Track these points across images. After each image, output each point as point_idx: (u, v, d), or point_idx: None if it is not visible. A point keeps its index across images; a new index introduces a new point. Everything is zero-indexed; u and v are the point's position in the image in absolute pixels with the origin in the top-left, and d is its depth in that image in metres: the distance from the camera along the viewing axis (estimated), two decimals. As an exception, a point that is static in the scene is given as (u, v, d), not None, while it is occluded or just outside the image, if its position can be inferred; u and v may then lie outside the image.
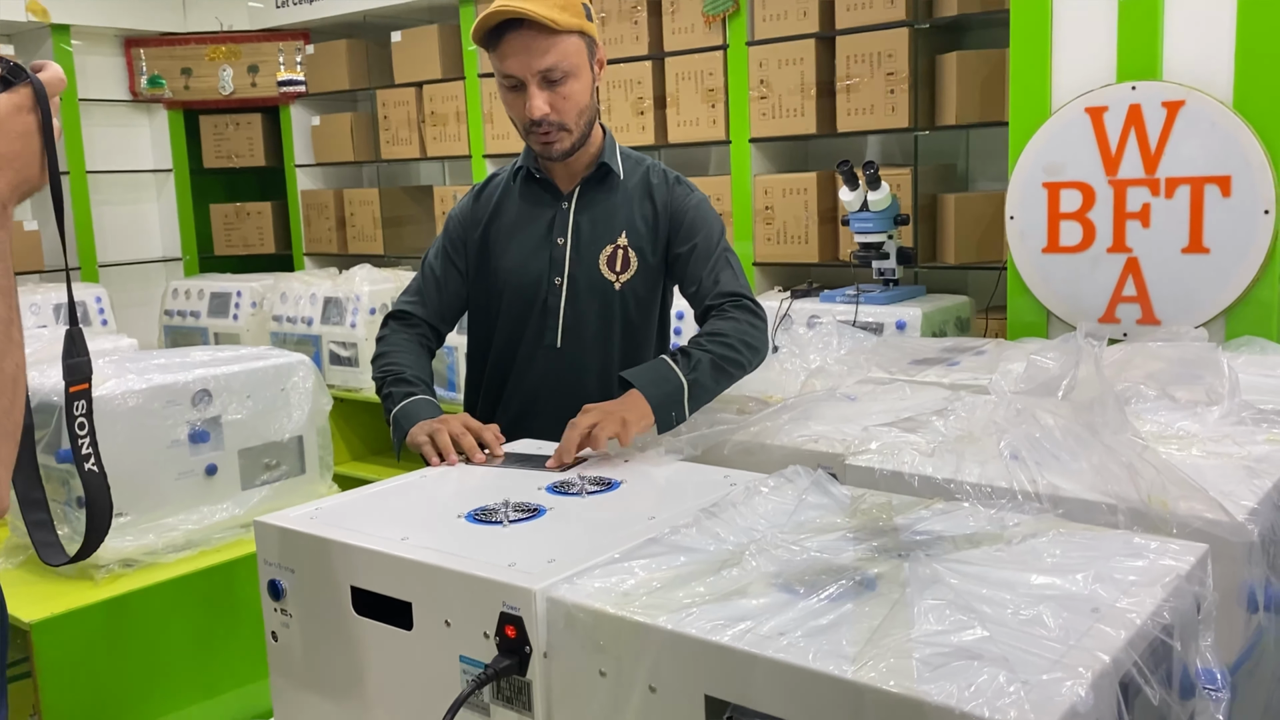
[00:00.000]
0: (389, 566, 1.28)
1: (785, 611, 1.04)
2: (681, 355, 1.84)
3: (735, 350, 1.88)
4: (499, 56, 1.94)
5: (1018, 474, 1.42)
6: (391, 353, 2.01)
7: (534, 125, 1.94)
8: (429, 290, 2.09)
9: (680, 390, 1.79)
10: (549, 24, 1.87)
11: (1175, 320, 2.46)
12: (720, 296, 1.95)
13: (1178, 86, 2.40)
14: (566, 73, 1.91)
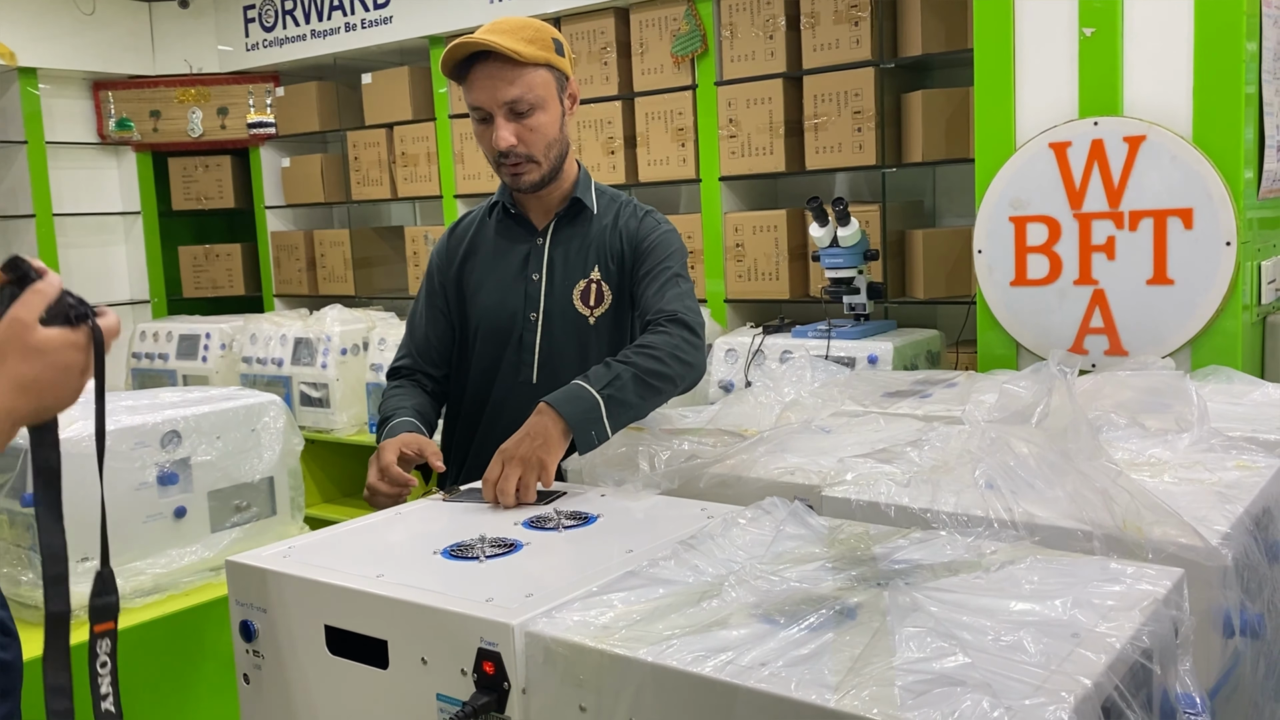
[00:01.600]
0: (363, 604, 1.27)
1: (766, 642, 1.03)
2: (600, 369, 1.80)
3: (663, 364, 1.83)
4: (467, 88, 1.96)
5: (993, 502, 1.43)
6: (385, 407, 2.04)
7: (502, 157, 1.95)
8: (418, 342, 2.10)
9: (596, 408, 1.74)
10: (513, 55, 1.88)
11: (1142, 351, 2.48)
12: (658, 313, 1.92)
13: (1139, 122, 2.45)
14: (533, 105, 1.92)
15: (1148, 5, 2.44)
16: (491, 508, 1.62)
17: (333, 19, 5.26)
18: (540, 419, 1.70)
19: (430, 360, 2.07)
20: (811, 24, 3.93)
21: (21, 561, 2.37)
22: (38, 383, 1.21)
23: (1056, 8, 2.55)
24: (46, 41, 5.36)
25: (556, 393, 1.75)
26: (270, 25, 5.52)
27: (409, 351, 2.09)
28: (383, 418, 1.98)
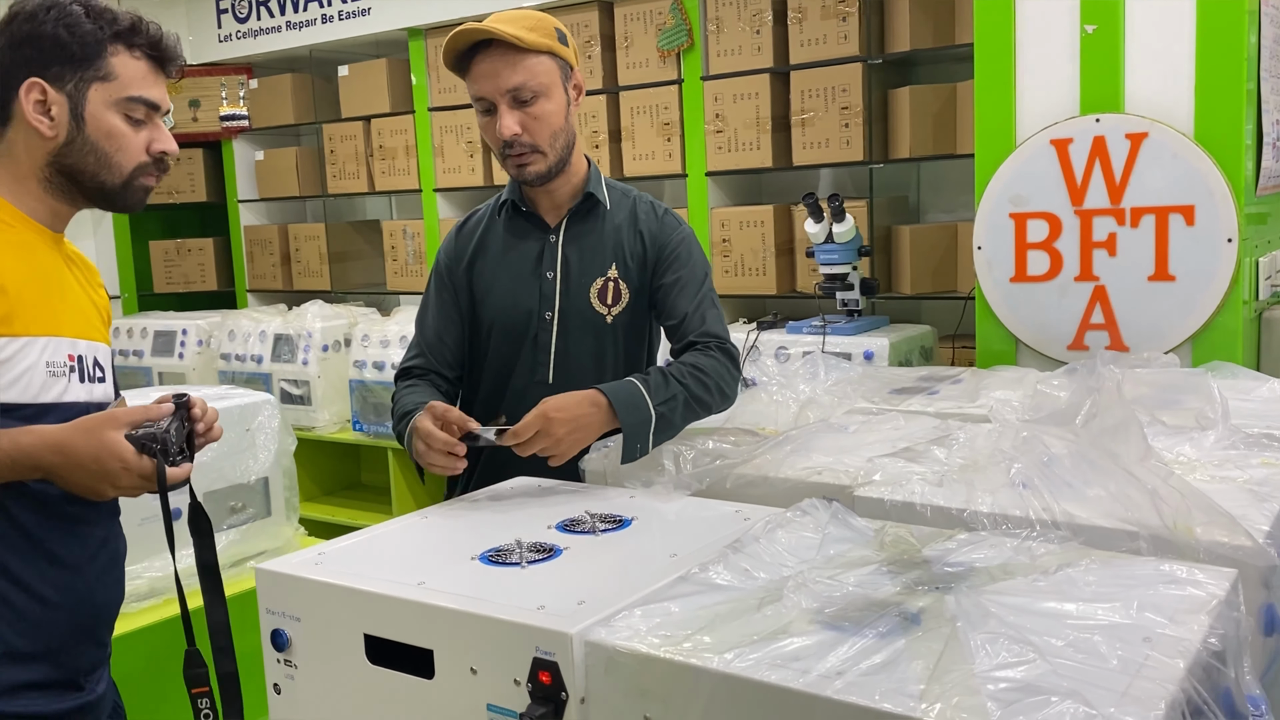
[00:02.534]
0: (407, 612, 1.24)
1: (837, 650, 1.02)
2: (659, 380, 1.81)
3: (709, 392, 1.86)
4: (470, 79, 1.93)
5: (1031, 502, 1.42)
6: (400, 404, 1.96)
7: (506, 147, 1.92)
8: (429, 341, 2.05)
9: (648, 423, 1.76)
10: (515, 42, 1.86)
11: (1143, 347, 2.50)
12: (706, 335, 1.94)
13: (1140, 119, 2.46)
14: (536, 92, 1.90)
15: (1149, 2, 2.45)
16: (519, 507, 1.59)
17: (308, 10, 5.18)
18: (595, 412, 1.70)
19: (443, 360, 2.03)
20: (799, 19, 3.92)
21: None
22: (76, 461, 1.40)
23: (1056, 5, 2.56)
24: (11, 31, 5.23)
25: (616, 390, 1.74)
26: (244, 16, 5.42)
27: (421, 351, 2.05)
28: (401, 413, 1.93)
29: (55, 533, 1.52)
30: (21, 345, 1.47)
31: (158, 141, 1.57)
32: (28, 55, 1.50)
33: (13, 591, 1.48)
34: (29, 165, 1.53)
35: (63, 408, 1.52)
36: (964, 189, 4.09)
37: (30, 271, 1.50)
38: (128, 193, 1.57)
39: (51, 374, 1.51)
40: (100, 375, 1.61)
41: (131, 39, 1.53)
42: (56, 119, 1.50)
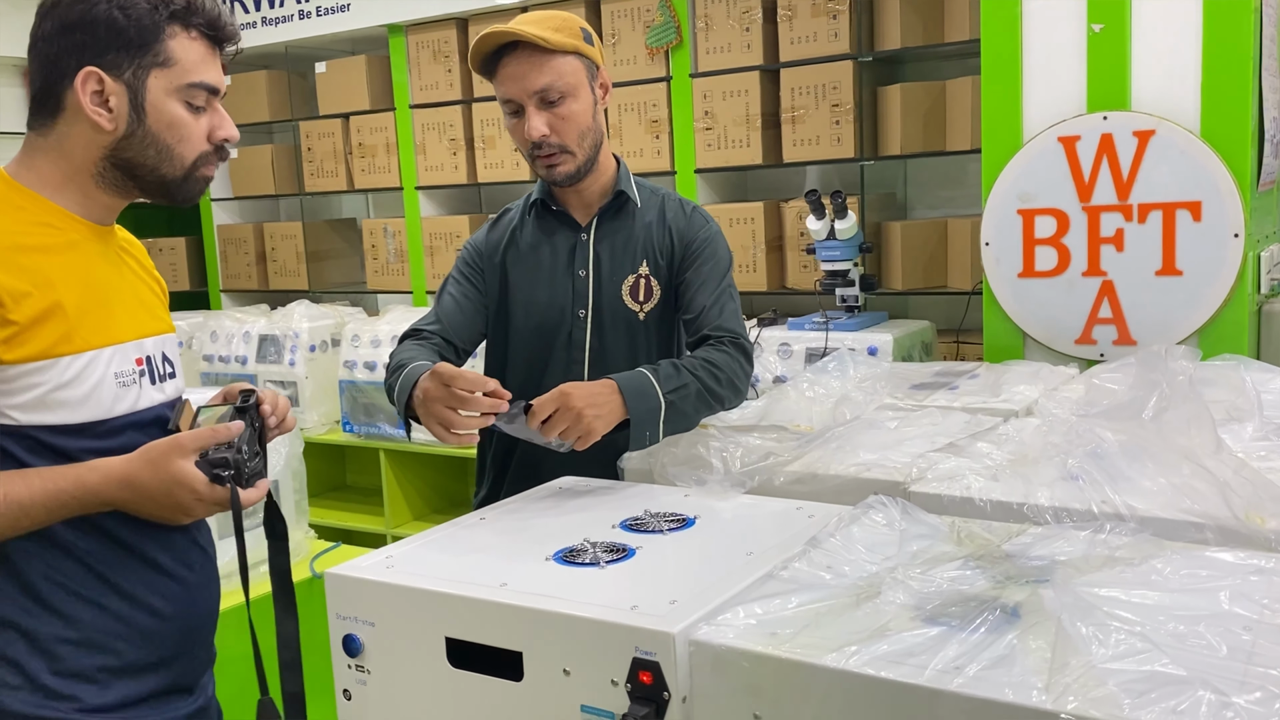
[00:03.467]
0: (494, 614, 1.23)
1: (949, 645, 1.03)
2: (670, 371, 1.81)
3: (721, 385, 1.87)
4: (497, 82, 1.93)
5: (1092, 495, 1.45)
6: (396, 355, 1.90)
7: (535, 148, 1.92)
8: (445, 309, 2.02)
9: (658, 411, 1.76)
10: (541, 43, 1.86)
11: (1150, 340, 2.54)
12: (721, 330, 1.95)
13: (1148, 116, 2.51)
14: (563, 93, 1.90)
15: (1156, 1, 2.49)
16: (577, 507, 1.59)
17: (285, 6, 5.10)
18: (610, 395, 1.70)
19: (455, 328, 1.99)
20: (789, 16, 3.94)
21: None
22: (144, 494, 1.36)
23: (1062, 4, 2.60)
24: (-25, 26, 5.11)
25: (627, 379, 1.74)
26: (216, 11, 5.34)
27: (436, 317, 2.01)
28: (395, 365, 1.86)
29: (152, 542, 1.47)
30: (86, 361, 1.40)
31: (220, 128, 1.47)
32: (80, 41, 1.37)
33: (124, 607, 1.44)
34: (83, 160, 1.42)
35: (140, 417, 1.46)
36: (951, 185, 4.15)
37: (84, 279, 1.42)
38: (188, 184, 1.47)
39: (121, 384, 1.44)
40: (171, 370, 1.55)
41: (188, 18, 1.41)
42: (115, 111, 1.39)
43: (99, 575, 1.42)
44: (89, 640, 1.41)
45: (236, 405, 1.46)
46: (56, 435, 1.37)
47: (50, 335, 1.36)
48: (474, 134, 4.72)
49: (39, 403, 1.35)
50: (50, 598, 1.39)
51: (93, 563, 1.42)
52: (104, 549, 1.42)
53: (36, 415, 1.35)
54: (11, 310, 1.32)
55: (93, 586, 1.42)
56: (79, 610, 1.41)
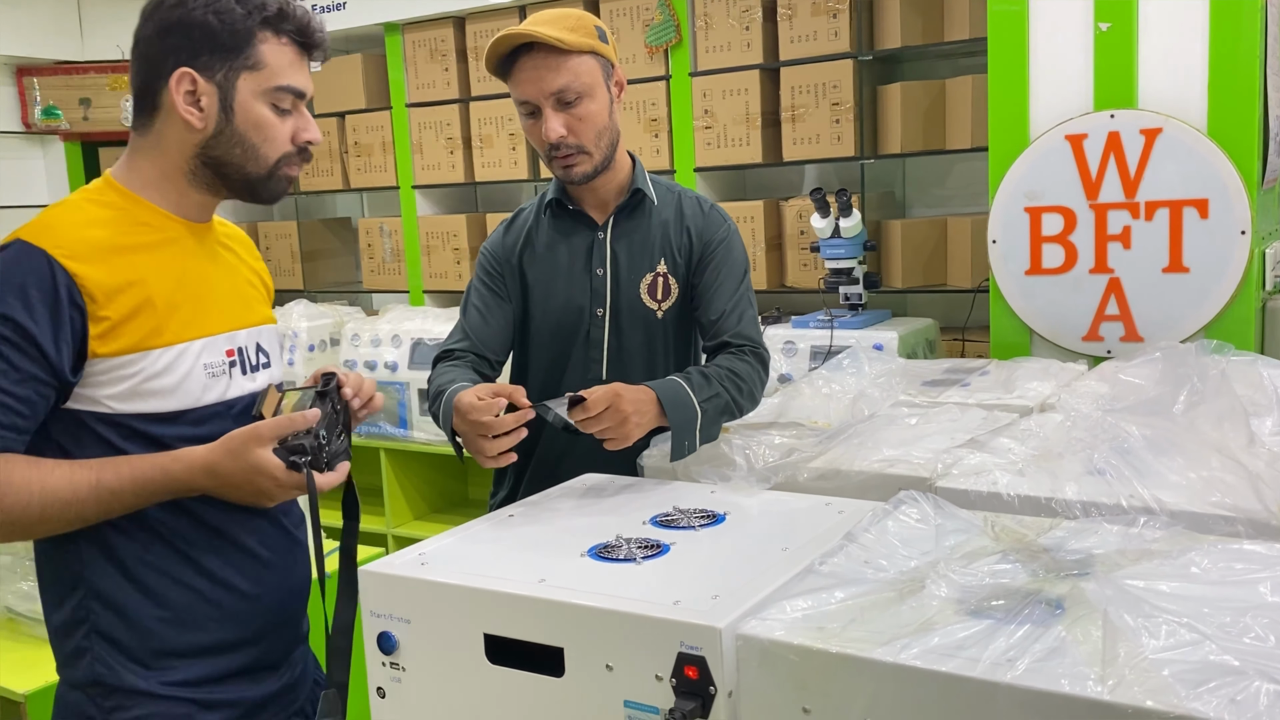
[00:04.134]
0: (534, 610, 1.23)
1: (997, 638, 1.03)
2: (700, 380, 1.82)
3: (743, 397, 1.89)
4: (513, 83, 1.92)
5: (1120, 490, 1.46)
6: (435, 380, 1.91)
7: (552, 149, 1.92)
8: (473, 324, 2.02)
9: (695, 420, 1.78)
10: (558, 44, 1.86)
11: (1157, 337, 2.55)
12: (741, 338, 1.95)
13: (1155, 115, 2.52)
14: (580, 93, 1.90)
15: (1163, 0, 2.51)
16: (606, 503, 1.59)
17: (280, 4, 5.08)
18: (652, 404, 1.70)
19: (486, 342, 1.99)
20: (789, 15, 3.95)
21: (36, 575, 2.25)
22: (229, 482, 1.43)
23: (1068, 2, 2.61)
24: (-34, 24, 5.07)
25: (664, 388, 1.75)
26: (210, 10, 5.31)
27: (465, 334, 2.01)
28: (435, 392, 1.86)
29: (238, 525, 1.53)
30: (176, 354, 1.47)
31: (303, 131, 1.54)
32: (176, 43, 1.45)
33: (210, 587, 1.51)
34: (177, 158, 1.49)
35: (229, 405, 1.53)
36: (950, 184, 4.17)
37: (178, 274, 1.49)
38: (272, 183, 1.53)
39: (211, 375, 1.50)
40: (265, 360, 1.62)
41: (279, 25, 1.48)
42: (206, 110, 1.46)
43: (186, 556, 1.50)
44: (177, 619, 1.49)
45: (317, 389, 1.50)
46: (149, 423, 1.45)
47: (141, 329, 1.44)
48: (471, 133, 4.71)
49: (131, 393, 1.44)
50: (143, 578, 1.48)
51: (181, 544, 1.49)
52: (192, 531, 1.50)
53: (129, 404, 1.44)
54: (104, 307, 1.41)
55: (181, 567, 1.49)
56: (168, 590, 1.49)
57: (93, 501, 1.40)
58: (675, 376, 1.80)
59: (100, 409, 1.43)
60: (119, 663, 1.47)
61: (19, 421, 1.38)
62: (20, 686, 2.03)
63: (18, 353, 1.36)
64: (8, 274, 1.38)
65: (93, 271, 1.40)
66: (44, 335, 1.37)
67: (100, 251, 1.42)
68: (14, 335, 1.36)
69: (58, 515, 1.39)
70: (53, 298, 1.37)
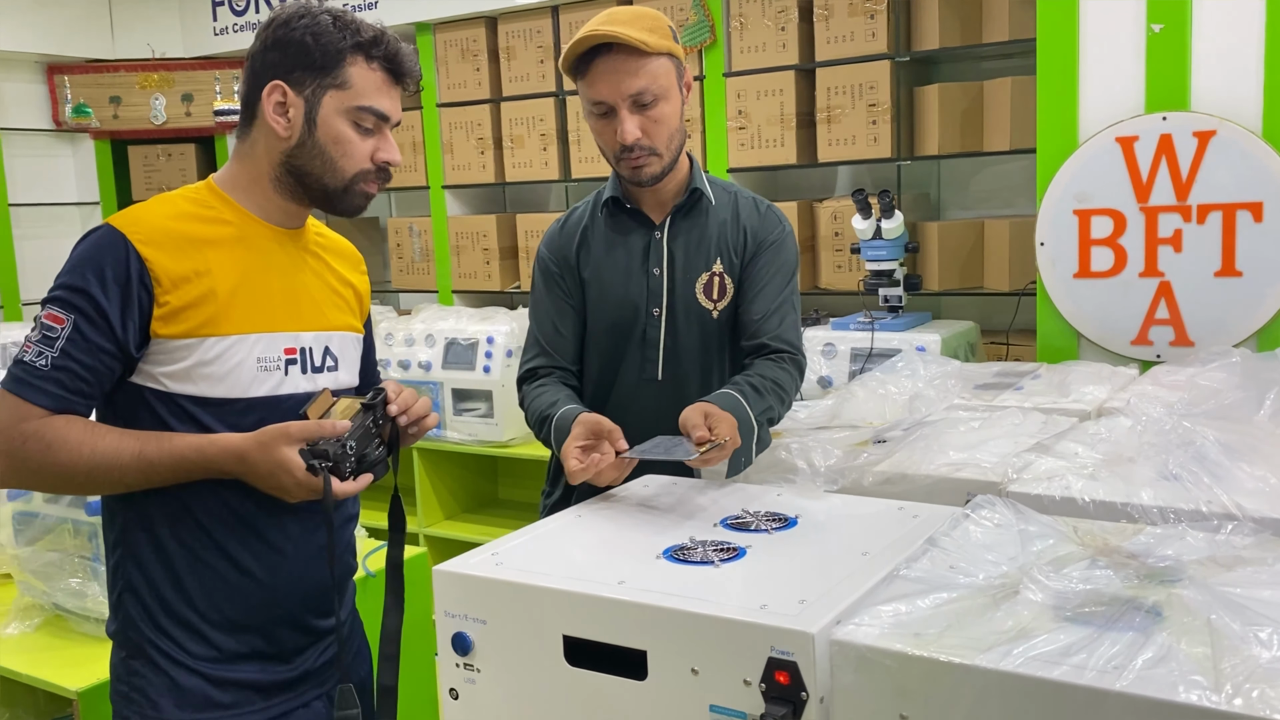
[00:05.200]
0: (616, 612, 1.22)
1: (1101, 645, 1.02)
2: (751, 392, 1.80)
3: (784, 406, 1.89)
4: (588, 83, 1.90)
5: (1199, 495, 1.44)
6: (534, 407, 1.92)
7: (625, 151, 1.90)
8: (547, 336, 2.01)
9: (752, 434, 1.76)
10: (640, 46, 1.84)
11: (1208, 342, 2.54)
12: (781, 343, 1.94)
13: (1209, 117, 2.50)
14: (657, 95, 1.88)
15: (1218, 1, 2.48)
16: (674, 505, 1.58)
17: (311, 3, 5.09)
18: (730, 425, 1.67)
19: (565, 354, 1.99)
20: (825, 16, 3.93)
21: (85, 573, 2.25)
22: (255, 472, 1.50)
23: (1120, 3, 2.59)
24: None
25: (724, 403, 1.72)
26: (241, 9, 5.32)
27: (540, 350, 2.01)
28: (539, 418, 1.88)
29: (268, 519, 1.59)
30: (230, 344, 1.55)
31: (382, 151, 1.61)
32: (276, 59, 1.56)
33: (228, 569, 1.59)
34: (265, 164, 1.60)
35: (277, 400, 1.59)
36: (987, 185, 4.14)
37: (245, 271, 1.57)
38: (348, 196, 1.61)
39: (263, 369, 1.57)
40: (333, 365, 1.67)
41: (371, 50, 1.57)
42: (292, 120, 1.57)
43: (211, 537, 1.58)
44: (192, 593, 1.58)
45: (364, 402, 1.55)
46: (196, 405, 1.54)
47: (199, 317, 1.53)
48: (502, 133, 4.71)
49: (184, 374, 1.53)
50: (169, 550, 1.58)
51: (210, 526, 1.57)
52: (223, 516, 1.58)
53: (181, 385, 1.53)
54: (169, 292, 1.51)
55: (205, 547, 1.58)
56: (190, 565, 1.58)
57: (134, 469, 1.50)
58: (729, 390, 1.78)
59: (156, 386, 1.53)
60: (143, 622, 1.59)
61: (84, 387, 1.50)
62: (73, 684, 2.02)
63: (90, 325, 1.48)
64: (92, 253, 1.50)
65: (163, 258, 1.51)
66: (113, 311, 1.48)
67: (174, 240, 1.53)
68: (89, 308, 1.48)
69: (103, 477, 1.50)
70: (125, 278, 1.49)
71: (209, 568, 1.58)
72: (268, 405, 1.58)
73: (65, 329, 1.48)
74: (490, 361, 3.94)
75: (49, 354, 1.48)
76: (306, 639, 1.67)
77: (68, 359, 1.48)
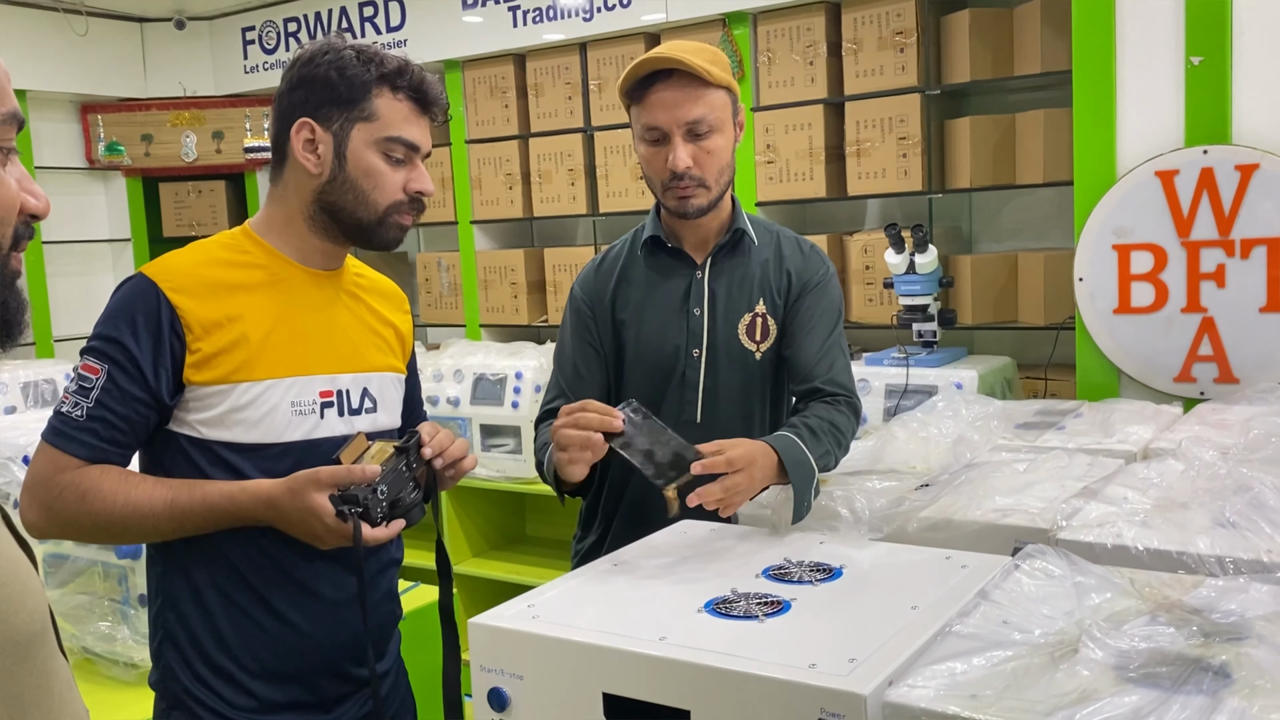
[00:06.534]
0: (658, 669, 1.18)
1: (1169, 709, 0.97)
2: (809, 435, 1.76)
3: (841, 451, 1.85)
4: (644, 107, 1.88)
5: (1260, 544, 1.39)
6: (540, 439, 1.91)
7: (674, 179, 1.87)
8: (568, 378, 1.99)
9: (812, 478, 1.71)
10: (703, 75, 1.82)
11: (1253, 379, 2.48)
12: (836, 386, 1.90)
13: (1251, 150, 2.46)
14: (712, 127, 1.86)
15: (1258, 33, 2.45)
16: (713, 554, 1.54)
17: (341, 41, 5.13)
18: (769, 469, 1.63)
19: (584, 397, 1.97)
20: (854, 50, 3.92)
21: (115, 616, 2.23)
22: (286, 519, 1.48)
23: (1160, 35, 2.56)
24: (35, 62, 5.15)
25: (784, 446, 1.68)
26: (271, 48, 5.37)
27: (561, 390, 1.99)
28: (539, 457, 1.88)
29: (305, 566, 1.57)
30: (264, 389, 1.54)
31: (414, 181, 1.60)
32: (302, 97, 1.56)
33: (265, 617, 1.57)
34: (298, 204, 1.60)
35: (313, 444, 1.57)
36: (1019, 218, 4.10)
37: (279, 315, 1.57)
38: (383, 229, 1.60)
39: (298, 413, 1.57)
40: (371, 406, 1.65)
41: (396, 81, 1.57)
42: (322, 157, 1.56)
43: (250, 586, 1.56)
44: (231, 643, 1.57)
45: (396, 446, 1.52)
46: (231, 451, 1.53)
47: (233, 362, 1.52)
48: (530, 168, 4.71)
49: (218, 420, 1.52)
50: (208, 599, 1.56)
51: (249, 575, 1.56)
52: (261, 565, 1.56)
53: (215, 431, 1.53)
54: (201, 339, 1.51)
55: (243, 596, 1.57)
56: (228, 614, 1.56)
57: (166, 518, 1.49)
58: (787, 433, 1.74)
59: (191, 433, 1.53)
60: (182, 672, 1.58)
61: (119, 436, 1.50)
62: (98, 731, 1.99)
63: (124, 374, 1.49)
64: (125, 303, 1.51)
65: (195, 305, 1.51)
66: (145, 360, 1.49)
67: (205, 287, 1.53)
68: (122, 358, 1.49)
69: (137, 526, 1.49)
70: (156, 327, 1.49)
71: (246, 615, 1.57)
72: (303, 449, 1.56)
73: (100, 379, 1.48)
74: (519, 397, 3.92)
75: (84, 405, 1.48)
76: (347, 688, 1.65)
77: (103, 409, 1.48)
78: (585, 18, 4.39)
